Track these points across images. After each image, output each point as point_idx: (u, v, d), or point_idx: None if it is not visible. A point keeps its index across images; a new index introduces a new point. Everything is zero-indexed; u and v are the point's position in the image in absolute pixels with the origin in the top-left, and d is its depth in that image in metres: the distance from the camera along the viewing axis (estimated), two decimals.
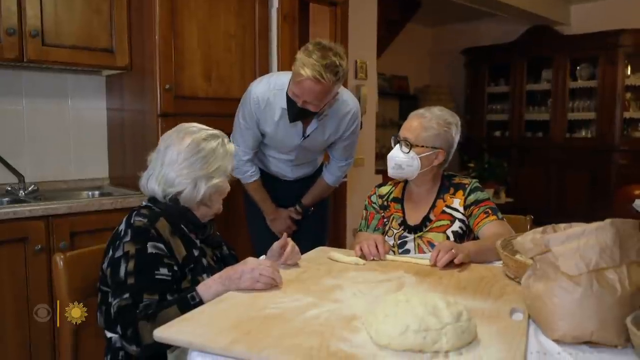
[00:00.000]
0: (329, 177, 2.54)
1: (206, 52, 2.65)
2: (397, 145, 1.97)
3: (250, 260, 1.46)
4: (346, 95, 2.35)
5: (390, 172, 1.99)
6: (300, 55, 2.04)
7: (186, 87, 2.59)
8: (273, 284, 1.42)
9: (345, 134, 2.38)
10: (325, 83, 2.01)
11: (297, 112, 2.16)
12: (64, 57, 2.46)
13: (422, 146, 1.95)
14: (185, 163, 1.53)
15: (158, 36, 2.47)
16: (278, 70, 2.90)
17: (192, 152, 1.53)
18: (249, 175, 2.45)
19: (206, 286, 1.41)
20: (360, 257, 1.75)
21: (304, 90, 2.05)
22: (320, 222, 2.65)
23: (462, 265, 1.66)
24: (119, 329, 1.35)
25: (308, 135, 2.32)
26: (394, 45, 6.41)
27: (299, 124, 2.27)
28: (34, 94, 2.70)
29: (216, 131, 1.62)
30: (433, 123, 1.97)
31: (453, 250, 1.65)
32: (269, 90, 2.25)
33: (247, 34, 2.81)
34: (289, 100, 2.16)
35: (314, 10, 3.34)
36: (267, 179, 2.52)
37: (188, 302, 1.36)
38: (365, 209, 2.15)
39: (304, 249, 1.79)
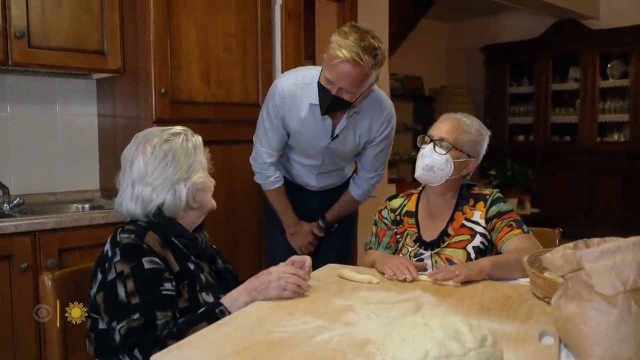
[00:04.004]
0: (356, 190, 2.52)
1: (205, 53, 2.66)
2: (431, 145, 1.95)
3: (274, 269, 1.53)
4: (381, 94, 2.35)
5: (419, 172, 1.97)
6: (335, 37, 2.04)
7: (183, 90, 2.60)
8: (300, 292, 1.52)
9: (377, 138, 2.37)
10: (363, 66, 2.01)
11: (330, 102, 2.13)
12: (52, 60, 2.47)
13: (459, 150, 1.96)
14: (156, 173, 1.52)
15: (152, 36, 2.49)
16: (282, 71, 2.91)
17: (158, 159, 1.53)
18: (272, 181, 2.43)
19: (231, 298, 1.46)
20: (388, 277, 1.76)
21: (340, 75, 2.04)
22: (346, 239, 2.63)
23: (471, 282, 1.68)
24: (136, 352, 1.35)
25: (337, 136, 2.31)
26: (407, 43, 6.42)
27: (328, 121, 2.26)
28: (20, 99, 2.73)
29: (177, 128, 1.61)
30: (472, 129, 1.99)
31: (456, 272, 1.67)
32: (296, 83, 2.25)
33: (249, 33, 2.83)
34: (321, 90, 2.14)
35: (321, 7, 3.37)
36: (290, 187, 2.50)
37: (217, 317, 1.39)
38: (376, 224, 2.14)
39: None
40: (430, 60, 7.48)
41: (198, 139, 1.63)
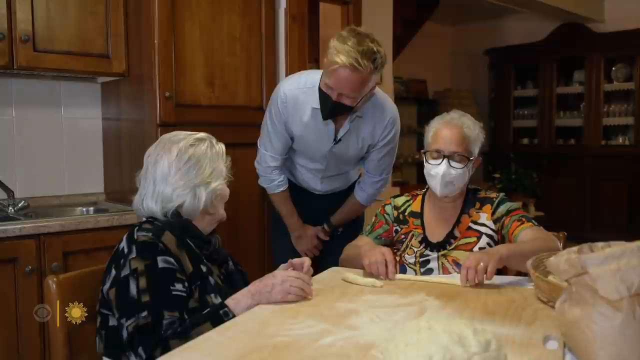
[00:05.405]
0: (361, 194, 2.52)
1: (209, 56, 2.67)
2: (446, 161, 1.92)
3: (278, 272, 1.55)
4: (383, 98, 2.34)
5: (441, 190, 1.95)
6: (334, 42, 2.03)
7: (187, 94, 2.61)
8: (304, 295, 1.52)
9: (380, 142, 2.36)
10: (362, 71, 2.00)
11: (331, 108, 2.13)
12: (57, 64, 2.49)
13: (471, 158, 1.97)
14: (179, 174, 1.57)
15: (157, 40, 2.50)
16: (286, 75, 2.92)
17: (183, 161, 1.57)
18: (276, 185, 2.44)
19: (235, 300, 1.48)
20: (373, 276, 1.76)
21: (339, 80, 2.04)
22: None
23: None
24: (140, 350, 1.36)
25: (340, 140, 2.31)
26: (411, 46, 6.43)
27: (331, 125, 2.27)
28: (25, 102, 2.74)
29: (201, 134, 1.67)
30: (474, 131, 1.98)
31: (482, 264, 1.64)
32: (299, 87, 2.26)
33: (253, 36, 2.83)
34: (322, 95, 2.14)
35: (325, 10, 3.38)
36: (295, 191, 2.51)
37: (221, 319, 1.41)
38: (376, 216, 2.15)
39: None
40: (435, 63, 7.48)
41: (221, 147, 1.68)
